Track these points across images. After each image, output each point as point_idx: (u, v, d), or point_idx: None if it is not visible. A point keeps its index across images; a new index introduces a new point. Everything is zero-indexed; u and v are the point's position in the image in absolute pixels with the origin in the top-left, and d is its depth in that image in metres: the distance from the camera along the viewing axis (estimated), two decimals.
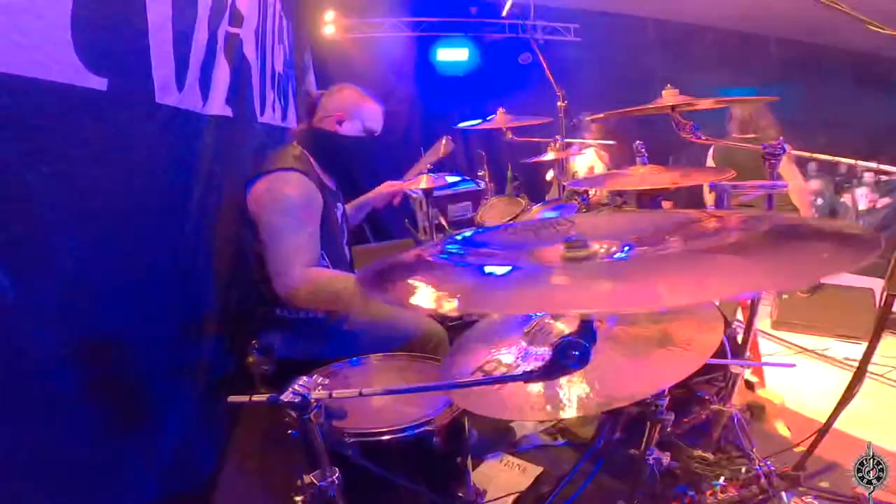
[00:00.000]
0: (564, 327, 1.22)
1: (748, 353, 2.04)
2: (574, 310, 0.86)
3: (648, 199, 2.54)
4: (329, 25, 5.51)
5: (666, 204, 3.88)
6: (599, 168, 4.69)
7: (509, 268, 0.90)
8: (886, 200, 6.42)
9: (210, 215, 2.06)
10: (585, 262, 0.88)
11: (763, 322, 3.88)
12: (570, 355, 0.84)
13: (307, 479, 1.14)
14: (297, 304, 1.86)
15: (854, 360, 1.67)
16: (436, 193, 3.13)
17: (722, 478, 1.71)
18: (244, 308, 2.12)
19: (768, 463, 1.70)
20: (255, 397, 1.07)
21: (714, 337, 1.12)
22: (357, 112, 2.10)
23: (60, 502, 1.22)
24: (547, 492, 2.01)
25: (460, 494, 1.51)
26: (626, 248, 0.92)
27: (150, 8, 1.55)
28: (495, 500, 1.93)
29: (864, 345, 1.67)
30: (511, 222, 3.20)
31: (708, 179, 2.42)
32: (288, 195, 1.88)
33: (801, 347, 3.59)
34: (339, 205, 2.20)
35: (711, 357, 1.07)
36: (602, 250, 0.92)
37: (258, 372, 1.98)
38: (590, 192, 3.28)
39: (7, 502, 1.06)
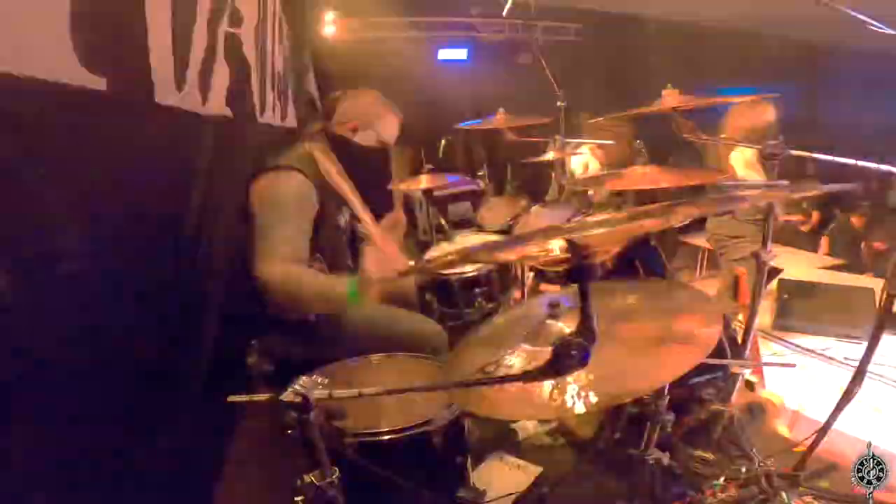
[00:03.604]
0: (564, 326, 1.22)
1: (748, 353, 2.04)
2: None
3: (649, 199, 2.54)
4: (329, 25, 5.51)
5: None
6: (595, 166, 4.68)
7: None
8: None
9: (209, 215, 2.06)
10: None
11: (763, 322, 3.88)
12: (569, 355, 0.84)
13: (307, 478, 1.14)
14: (273, 299, 1.82)
15: (854, 360, 1.67)
16: (435, 193, 3.13)
17: (722, 478, 1.71)
18: (246, 307, 2.11)
19: (768, 463, 1.70)
20: (255, 397, 1.07)
21: (713, 332, 1.12)
22: (374, 123, 2.08)
23: (58, 502, 1.22)
24: (547, 492, 2.01)
25: (460, 494, 1.51)
26: None
27: (150, 8, 1.55)
28: (495, 500, 1.92)
29: (864, 345, 1.66)
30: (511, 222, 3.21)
31: (708, 180, 2.43)
32: (281, 191, 1.88)
33: (801, 347, 3.59)
34: (344, 209, 2.18)
35: (711, 357, 1.07)
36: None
37: (258, 372, 1.98)
38: (589, 193, 3.28)
39: (5, 502, 1.06)
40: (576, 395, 1.01)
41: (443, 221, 3.36)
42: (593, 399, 0.98)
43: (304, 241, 1.88)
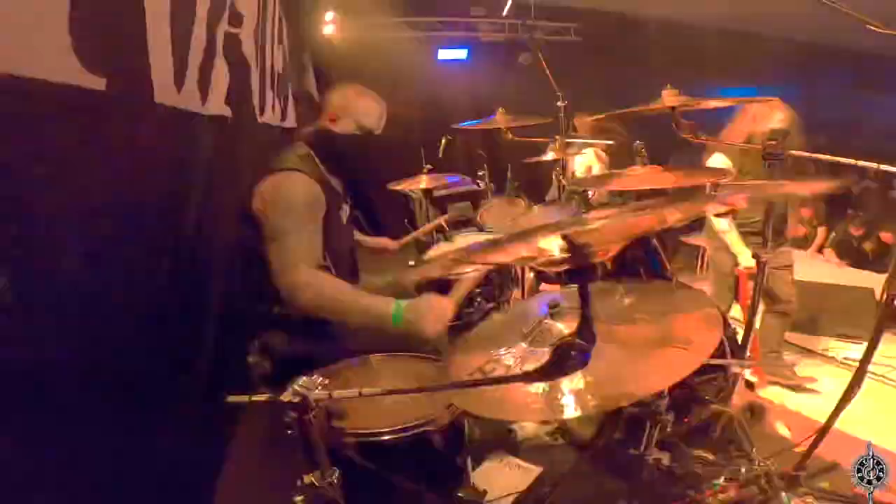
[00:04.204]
0: (564, 328, 1.22)
1: (748, 353, 2.04)
2: None
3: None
4: (329, 25, 5.51)
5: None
6: (597, 168, 4.69)
7: None
8: None
9: (209, 215, 2.06)
10: None
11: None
12: (569, 357, 0.84)
13: (307, 479, 1.14)
14: (296, 304, 1.84)
15: (854, 360, 1.67)
16: (435, 193, 3.13)
17: (722, 478, 1.71)
18: (245, 307, 2.11)
19: (768, 463, 1.70)
20: (255, 397, 1.07)
21: (713, 336, 1.12)
22: (349, 110, 2.09)
23: (57, 502, 1.22)
24: (547, 492, 2.01)
25: (460, 494, 1.51)
26: None
27: (149, 8, 1.55)
28: (495, 500, 1.92)
29: (864, 345, 1.66)
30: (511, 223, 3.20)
31: (708, 179, 2.42)
32: (291, 195, 1.88)
33: (801, 347, 3.59)
34: (345, 206, 2.19)
35: (711, 357, 1.07)
36: None
37: (258, 372, 1.98)
38: (589, 193, 3.28)
39: (5, 502, 1.06)
40: (575, 398, 1.01)
41: (442, 222, 3.36)
42: (592, 403, 0.98)
43: (319, 243, 1.90)
